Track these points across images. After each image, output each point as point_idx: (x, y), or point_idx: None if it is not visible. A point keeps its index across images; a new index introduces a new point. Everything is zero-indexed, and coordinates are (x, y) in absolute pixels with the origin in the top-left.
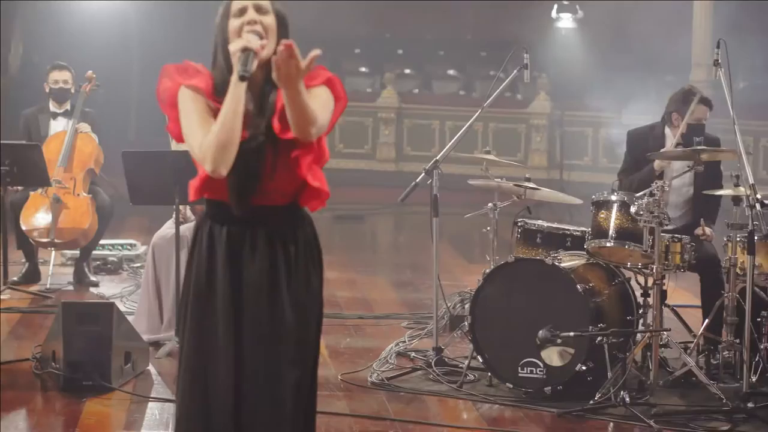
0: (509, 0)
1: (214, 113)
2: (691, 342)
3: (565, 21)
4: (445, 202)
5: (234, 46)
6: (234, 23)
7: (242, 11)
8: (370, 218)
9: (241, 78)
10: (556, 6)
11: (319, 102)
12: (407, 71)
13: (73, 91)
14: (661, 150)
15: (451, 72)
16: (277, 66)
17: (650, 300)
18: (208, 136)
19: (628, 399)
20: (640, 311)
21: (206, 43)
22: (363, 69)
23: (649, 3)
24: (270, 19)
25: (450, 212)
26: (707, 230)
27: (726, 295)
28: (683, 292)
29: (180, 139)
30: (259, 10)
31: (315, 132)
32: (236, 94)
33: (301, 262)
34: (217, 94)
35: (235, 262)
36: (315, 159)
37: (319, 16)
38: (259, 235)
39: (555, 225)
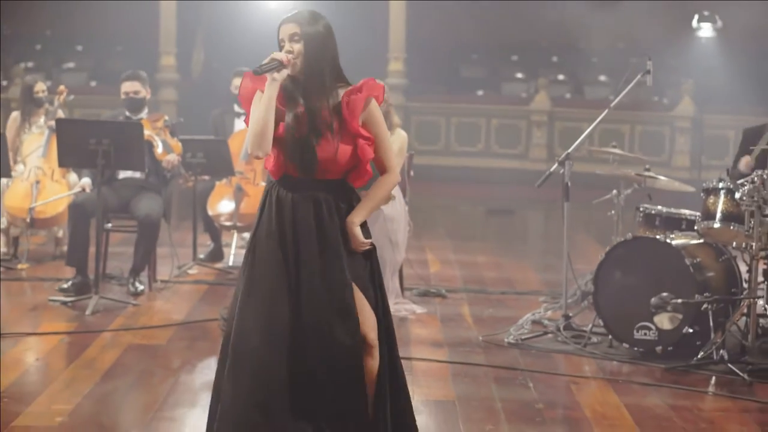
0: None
1: (279, 114)
2: None
3: (705, 30)
4: (581, 199)
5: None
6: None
7: (282, 42)
8: (521, 212)
9: (254, 72)
10: (696, 16)
11: (380, 131)
12: (560, 77)
13: None
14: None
15: (602, 78)
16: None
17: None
18: (249, 127)
19: (726, 357)
20: (745, 285)
21: (366, 42)
22: (519, 75)
23: None
24: (299, 46)
25: (584, 206)
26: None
27: None
28: None
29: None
30: (291, 39)
31: (394, 181)
32: (268, 92)
33: (344, 215)
34: (283, 98)
35: (296, 216)
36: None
37: (479, 25)
38: (318, 199)
39: (672, 210)
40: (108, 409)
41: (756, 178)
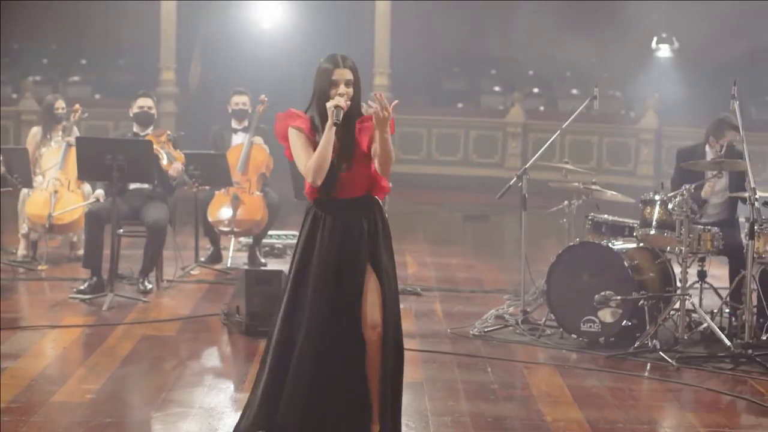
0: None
1: (311, 144)
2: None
3: (664, 51)
4: (547, 205)
5: (330, 104)
6: (332, 91)
7: (336, 84)
8: (496, 218)
9: (334, 124)
10: (655, 38)
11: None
12: (535, 90)
13: (250, 111)
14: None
15: (574, 91)
16: (375, 113)
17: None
18: (310, 160)
19: (658, 346)
20: (678, 284)
21: (353, 58)
22: (496, 88)
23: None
24: (352, 90)
25: (551, 213)
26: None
27: (743, 273)
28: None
29: (292, 159)
30: (347, 84)
31: (391, 169)
32: (329, 135)
33: (372, 227)
34: (313, 130)
35: (332, 232)
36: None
37: (462, 40)
38: (346, 216)
39: (617, 218)
40: (128, 389)
41: (685, 192)
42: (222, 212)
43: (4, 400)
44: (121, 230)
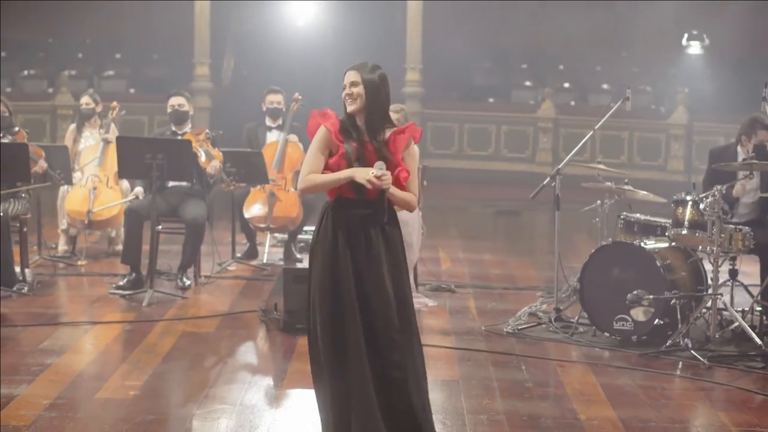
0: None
1: (330, 148)
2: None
3: (694, 48)
4: (581, 199)
5: (361, 179)
6: (343, 92)
7: (344, 86)
8: (527, 213)
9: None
10: (686, 35)
11: (413, 168)
12: (566, 85)
13: (284, 109)
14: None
15: (605, 86)
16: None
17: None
18: (312, 176)
19: (690, 344)
20: (710, 283)
21: (386, 54)
22: (527, 83)
23: None
24: (359, 89)
25: (584, 207)
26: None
27: None
28: None
29: None
30: (352, 84)
31: (414, 205)
32: (343, 177)
33: (388, 231)
34: (340, 132)
35: (351, 231)
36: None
37: (493, 36)
38: (364, 214)
39: (649, 218)
40: (170, 385)
41: (716, 192)
42: (258, 209)
43: (50, 397)
44: (160, 227)
